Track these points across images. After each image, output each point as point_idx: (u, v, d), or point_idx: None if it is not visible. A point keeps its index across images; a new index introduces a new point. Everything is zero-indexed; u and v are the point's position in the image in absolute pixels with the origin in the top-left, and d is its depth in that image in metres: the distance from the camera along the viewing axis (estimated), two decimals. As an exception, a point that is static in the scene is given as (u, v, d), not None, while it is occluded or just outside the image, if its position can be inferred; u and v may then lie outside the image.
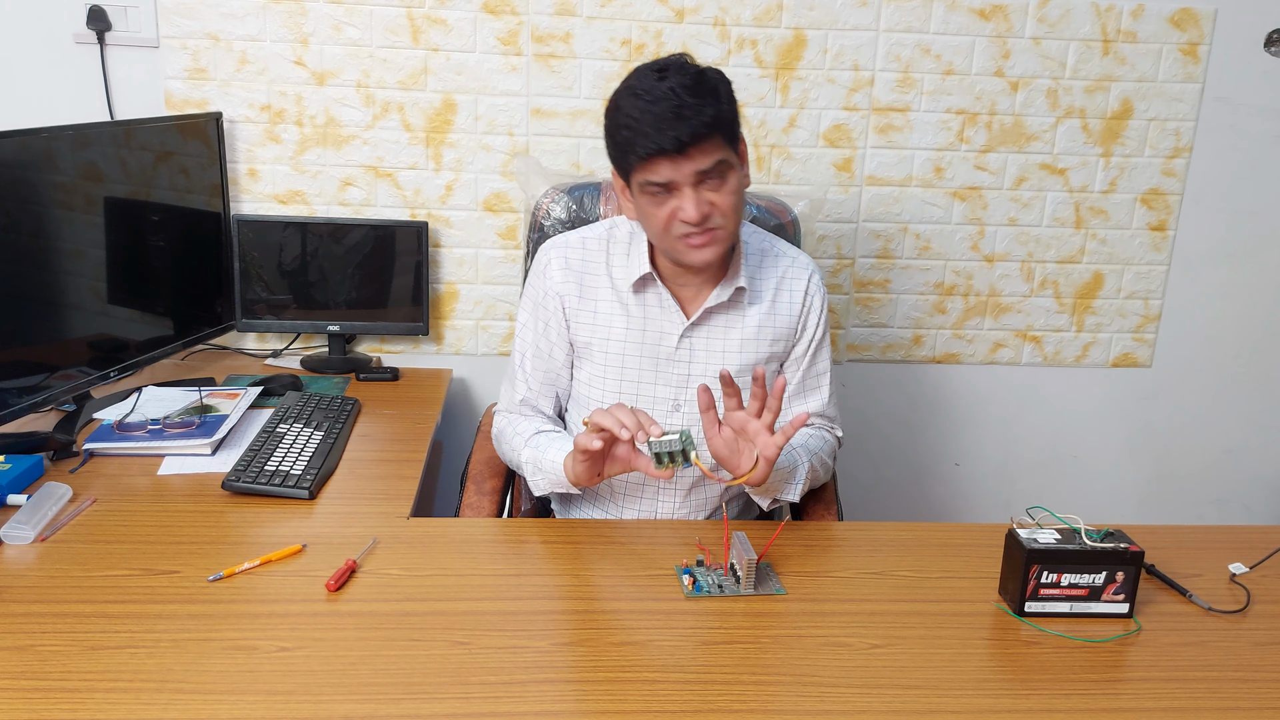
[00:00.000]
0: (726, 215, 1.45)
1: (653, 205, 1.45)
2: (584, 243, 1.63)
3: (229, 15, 2.17)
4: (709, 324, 1.59)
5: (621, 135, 1.42)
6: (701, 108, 1.38)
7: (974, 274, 2.47)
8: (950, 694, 1.15)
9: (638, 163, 1.41)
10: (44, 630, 1.20)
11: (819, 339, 1.66)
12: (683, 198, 1.42)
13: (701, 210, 1.42)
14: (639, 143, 1.39)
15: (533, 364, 1.65)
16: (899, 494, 2.64)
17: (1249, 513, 2.73)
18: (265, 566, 1.37)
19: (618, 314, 1.59)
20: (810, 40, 2.28)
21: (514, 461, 1.64)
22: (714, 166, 1.42)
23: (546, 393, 1.66)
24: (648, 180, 1.42)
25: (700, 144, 1.39)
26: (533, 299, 1.64)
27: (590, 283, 1.60)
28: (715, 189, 1.43)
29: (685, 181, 1.41)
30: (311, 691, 1.11)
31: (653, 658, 1.20)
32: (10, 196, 1.70)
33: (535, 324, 1.64)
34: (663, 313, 1.59)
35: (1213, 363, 2.60)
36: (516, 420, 1.65)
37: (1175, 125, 2.40)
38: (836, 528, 1.61)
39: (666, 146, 1.37)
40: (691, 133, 1.37)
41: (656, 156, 1.39)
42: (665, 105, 1.37)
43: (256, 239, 2.20)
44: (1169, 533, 1.55)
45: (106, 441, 1.72)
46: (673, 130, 1.37)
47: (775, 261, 1.64)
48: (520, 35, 2.23)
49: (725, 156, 1.43)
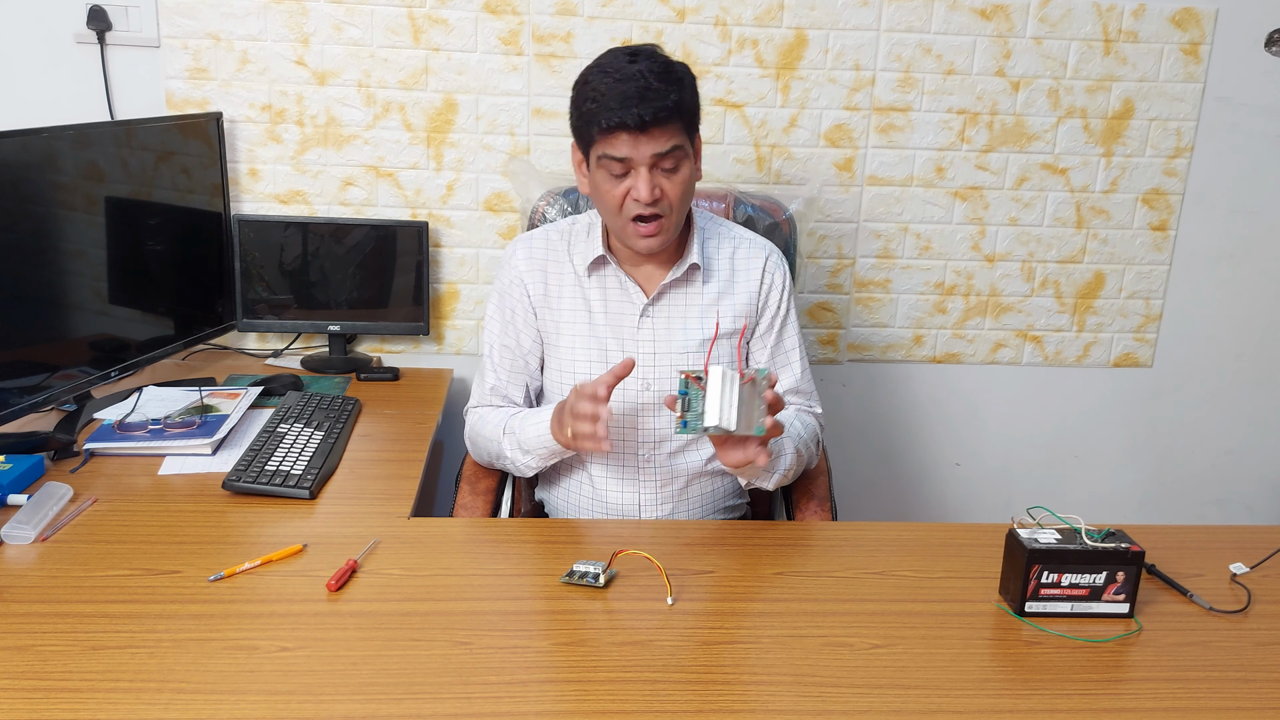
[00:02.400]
0: (674, 205, 1.53)
1: (608, 182, 1.52)
2: (546, 235, 1.69)
3: (230, 15, 2.17)
4: (667, 301, 1.64)
5: (587, 107, 1.49)
6: (666, 92, 1.47)
7: (975, 274, 2.47)
8: (951, 694, 1.15)
9: (599, 134, 1.48)
10: (45, 630, 1.21)
11: (784, 314, 1.69)
12: (637, 178, 1.49)
13: (653, 193, 1.49)
14: (603, 115, 1.46)
15: (500, 353, 1.69)
16: (899, 494, 2.64)
17: (1250, 513, 2.72)
18: (266, 566, 1.37)
19: (579, 298, 1.65)
20: (811, 40, 2.28)
21: (494, 454, 1.66)
22: (670, 151, 1.49)
23: (516, 380, 1.70)
24: (606, 154, 1.49)
25: (661, 125, 1.47)
26: (499, 290, 1.69)
27: (554, 269, 1.66)
28: (668, 176, 1.51)
29: (642, 161, 1.48)
30: (312, 691, 1.11)
31: (653, 658, 1.20)
32: (11, 196, 1.70)
33: (502, 313, 1.69)
34: (623, 293, 1.64)
35: (1213, 363, 2.60)
36: (487, 414, 1.68)
37: (1176, 125, 2.40)
38: (837, 527, 1.61)
39: (629, 122, 1.45)
40: (654, 113, 1.45)
41: (618, 130, 1.47)
42: (633, 85, 1.46)
43: (257, 239, 2.20)
44: (1170, 533, 1.55)
45: (107, 441, 1.72)
46: (637, 107, 1.45)
47: (731, 242, 1.70)
48: (521, 35, 2.23)
49: (682, 143, 1.51)
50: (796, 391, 1.72)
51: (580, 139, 1.55)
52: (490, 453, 1.67)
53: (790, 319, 1.70)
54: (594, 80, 1.49)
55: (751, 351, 1.70)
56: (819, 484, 1.72)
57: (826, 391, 2.47)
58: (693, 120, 1.54)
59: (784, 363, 1.71)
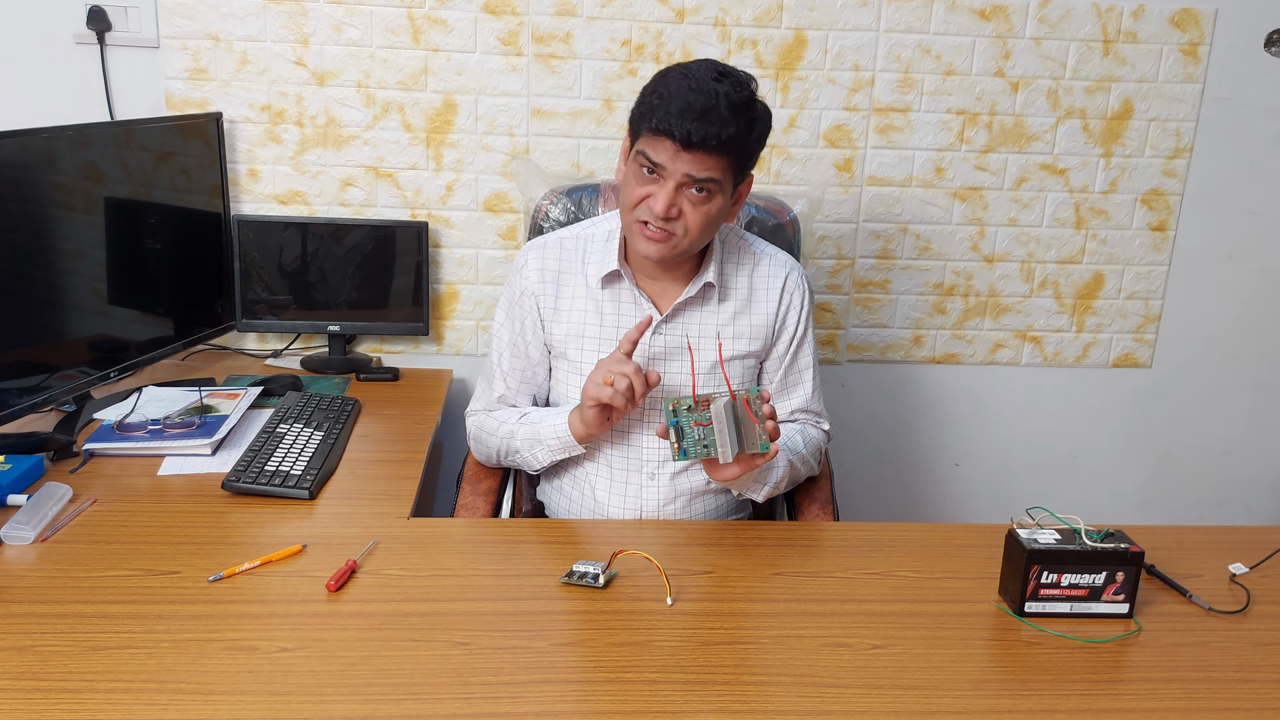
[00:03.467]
0: (689, 230, 1.48)
1: (636, 178, 1.48)
2: (560, 243, 1.65)
3: (229, 15, 2.17)
4: (681, 320, 1.61)
5: (650, 100, 1.45)
6: (731, 122, 1.41)
7: (974, 274, 2.47)
8: (950, 694, 1.15)
9: (647, 131, 1.45)
10: (44, 630, 1.20)
11: (801, 335, 1.67)
12: (662, 189, 1.45)
13: (669, 211, 1.45)
14: (660, 115, 1.42)
15: (510, 363, 1.67)
16: (899, 494, 2.64)
17: (1249, 513, 2.73)
18: (265, 567, 1.37)
19: (591, 311, 1.62)
20: (811, 40, 2.28)
21: (503, 448, 1.65)
22: (705, 180, 1.44)
23: (524, 390, 1.68)
24: (645, 151, 1.46)
25: (708, 151, 1.42)
26: (509, 299, 1.67)
27: (566, 282, 1.63)
28: (694, 201, 1.46)
29: (673, 176, 1.44)
30: (311, 692, 1.11)
31: (653, 658, 1.20)
32: (10, 197, 1.70)
33: (511, 323, 1.66)
34: (636, 309, 1.61)
35: (1213, 363, 2.60)
36: (497, 411, 1.67)
37: (1176, 125, 2.40)
38: (837, 528, 1.61)
39: (677, 134, 1.40)
40: (704, 137, 1.40)
41: (664, 136, 1.42)
42: (702, 100, 1.40)
43: (257, 239, 2.20)
44: (1169, 533, 1.55)
45: (107, 442, 1.72)
46: (692, 124, 1.39)
47: (752, 260, 1.66)
48: (521, 35, 2.23)
49: (721, 179, 1.45)
50: (805, 410, 1.70)
51: (632, 126, 1.50)
52: (499, 447, 1.65)
53: (807, 339, 1.67)
54: (672, 79, 1.44)
55: (765, 371, 1.68)
56: (821, 487, 1.72)
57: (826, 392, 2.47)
58: (746, 161, 1.49)
59: (796, 381, 1.69)
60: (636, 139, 1.49)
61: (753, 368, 1.66)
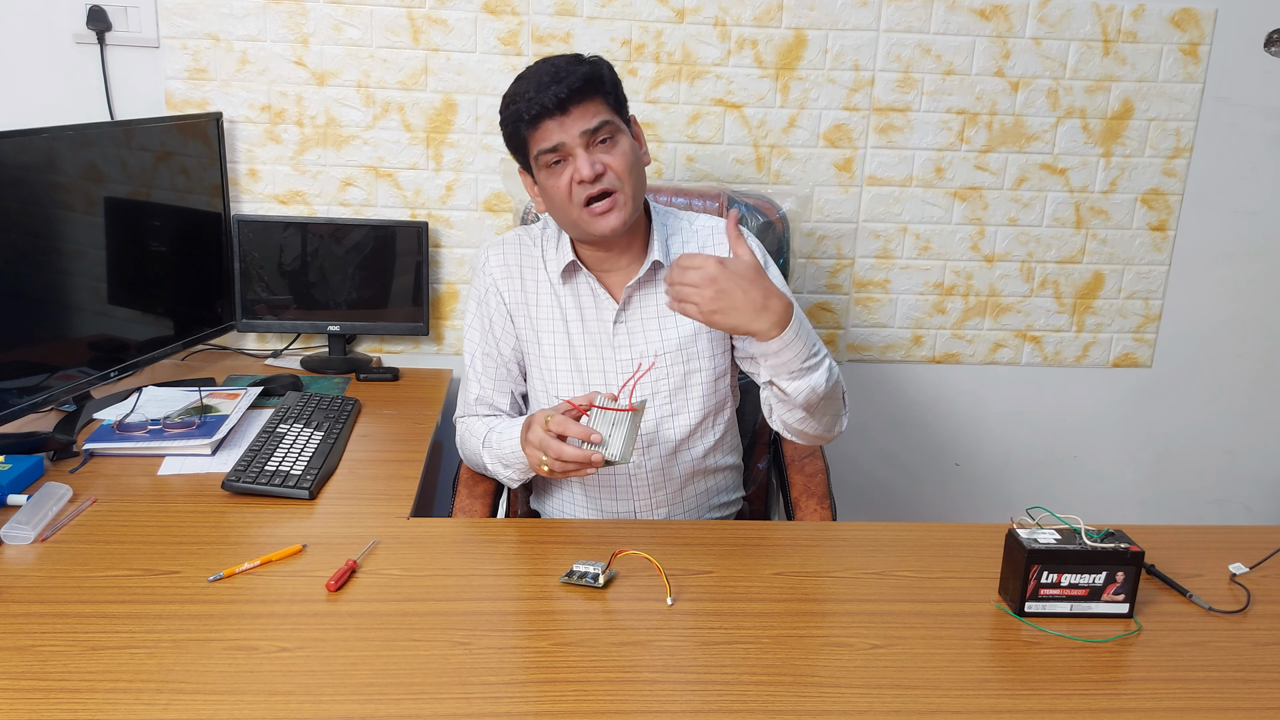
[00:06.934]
0: (621, 176, 1.50)
1: (552, 178, 1.50)
2: (519, 239, 1.67)
3: (229, 15, 2.17)
4: (638, 304, 1.62)
5: (510, 110, 1.50)
6: (578, 69, 1.48)
7: (974, 274, 2.47)
8: (950, 694, 1.15)
9: (528, 131, 1.49)
10: (44, 630, 1.21)
11: None
12: (576, 160, 1.47)
13: (595, 169, 1.47)
14: (524, 107, 1.47)
15: (483, 362, 1.68)
16: (899, 494, 2.64)
17: (1249, 513, 2.73)
18: (265, 567, 1.37)
19: (555, 306, 1.63)
20: (810, 40, 2.28)
21: (480, 466, 1.66)
22: (599, 126, 1.48)
23: (501, 388, 1.68)
24: (540, 149, 1.48)
25: (580, 102, 1.46)
26: (476, 297, 1.68)
27: (529, 276, 1.65)
28: (606, 150, 1.49)
29: (574, 143, 1.47)
30: (311, 692, 1.11)
31: (652, 658, 1.20)
32: (10, 197, 1.70)
33: (480, 321, 1.67)
34: (595, 301, 1.62)
35: (1213, 363, 2.60)
36: (472, 424, 1.67)
37: (1175, 125, 2.40)
38: (836, 528, 1.61)
39: (549, 104, 1.45)
40: (569, 89, 1.45)
41: (542, 118, 1.46)
42: (545, 72, 1.48)
43: (257, 239, 2.20)
44: (1169, 533, 1.55)
45: (107, 442, 1.72)
46: (552, 88, 1.45)
47: (693, 233, 1.65)
48: (521, 35, 2.23)
49: (610, 119, 1.49)
50: None
51: (517, 151, 1.55)
52: (476, 464, 1.67)
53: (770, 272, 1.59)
54: (512, 87, 1.51)
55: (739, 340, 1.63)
56: (818, 481, 1.72)
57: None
58: (617, 99, 1.53)
59: None
60: (527, 154, 1.52)
61: (723, 336, 1.63)
